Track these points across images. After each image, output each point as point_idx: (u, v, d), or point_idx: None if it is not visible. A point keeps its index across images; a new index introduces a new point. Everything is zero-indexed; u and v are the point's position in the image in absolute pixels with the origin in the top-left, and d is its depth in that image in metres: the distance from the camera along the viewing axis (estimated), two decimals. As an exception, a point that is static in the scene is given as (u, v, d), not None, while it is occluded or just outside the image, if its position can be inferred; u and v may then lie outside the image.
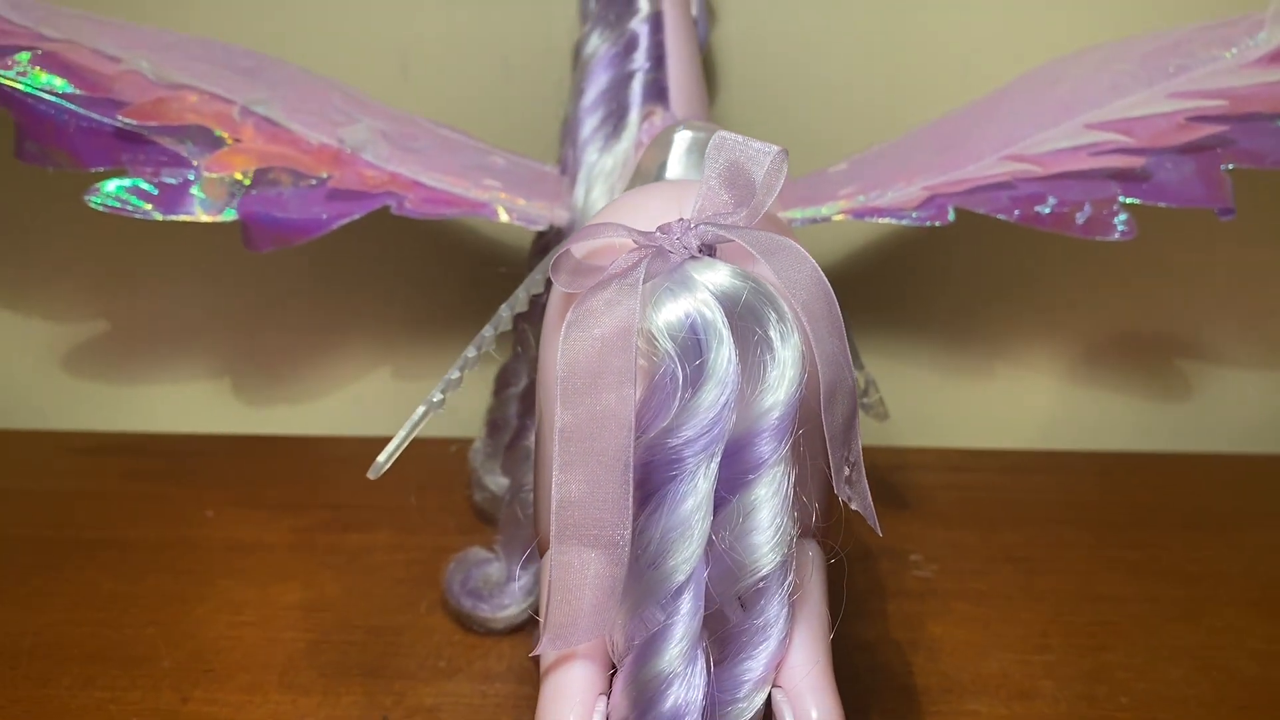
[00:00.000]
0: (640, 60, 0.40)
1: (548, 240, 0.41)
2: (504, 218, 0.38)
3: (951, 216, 0.37)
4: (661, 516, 0.23)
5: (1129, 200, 0.37)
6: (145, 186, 0.37)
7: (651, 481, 0.24)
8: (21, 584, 0.44)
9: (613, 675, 0.25)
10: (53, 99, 0.36)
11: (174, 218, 0.37)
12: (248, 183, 0.37)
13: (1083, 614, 0.43)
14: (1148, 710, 0.38)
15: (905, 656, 0.40)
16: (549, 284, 0.29)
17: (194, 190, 0.37)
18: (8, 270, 0.56)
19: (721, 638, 0.24)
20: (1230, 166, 0.37)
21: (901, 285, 0.55)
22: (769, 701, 0.25)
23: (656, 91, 0.39)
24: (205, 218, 0.37)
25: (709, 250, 0.25)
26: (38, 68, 0.36)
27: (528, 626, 0.41)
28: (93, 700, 0.38)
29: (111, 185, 0.37)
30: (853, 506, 0.25)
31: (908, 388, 0.56)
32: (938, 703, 0.38)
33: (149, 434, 0.56)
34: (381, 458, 0.29)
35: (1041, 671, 0.40)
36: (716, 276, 0.24)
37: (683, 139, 0.33)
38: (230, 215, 0.37)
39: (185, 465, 0.53)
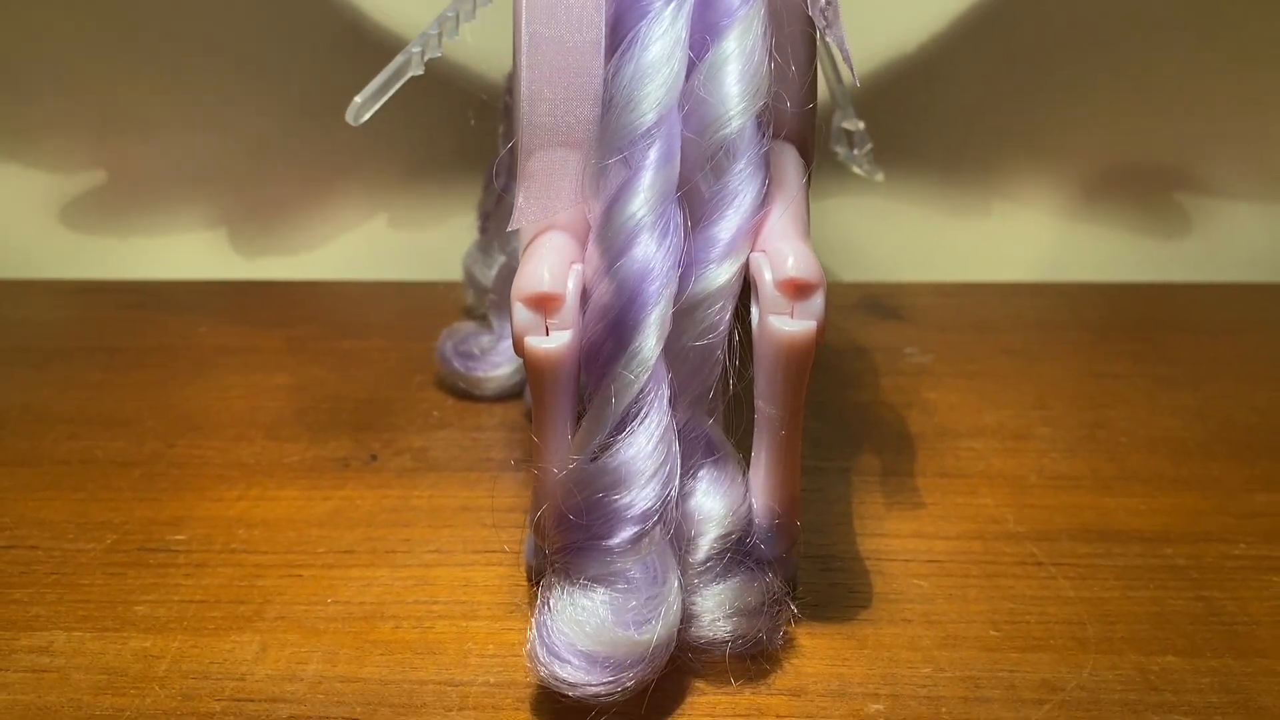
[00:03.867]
0: None
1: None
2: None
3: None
4: (633, 57, 0.23)
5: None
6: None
7: (624, 24, 0.23)
8: (6, 375, 0.44)
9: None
10: None
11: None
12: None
13: (1084, 386, 0.42)
14: (1147, 446, 0.37)
15: (899, 413, 0.40)
16: None
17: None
18: (3, 121, 0.56)
19: (696, 206, 0.24)
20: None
21: (896, 123, 0.55)
22: (749, 276, 0.24)
23: None
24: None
25: None
26: None
27: (519, 391, 0.40)
28: (78, 448, 0.37)
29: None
30: (828, 39, 0.24)
31: (903, 225, 0.56)
32: (932, 443, 0.37)
33: (144, 280, 0.56)
34: (359, 98, 0.28)
35: (1040, 422, 0.39)
36: None
37: None
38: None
39: (180, 301, 0.53)
